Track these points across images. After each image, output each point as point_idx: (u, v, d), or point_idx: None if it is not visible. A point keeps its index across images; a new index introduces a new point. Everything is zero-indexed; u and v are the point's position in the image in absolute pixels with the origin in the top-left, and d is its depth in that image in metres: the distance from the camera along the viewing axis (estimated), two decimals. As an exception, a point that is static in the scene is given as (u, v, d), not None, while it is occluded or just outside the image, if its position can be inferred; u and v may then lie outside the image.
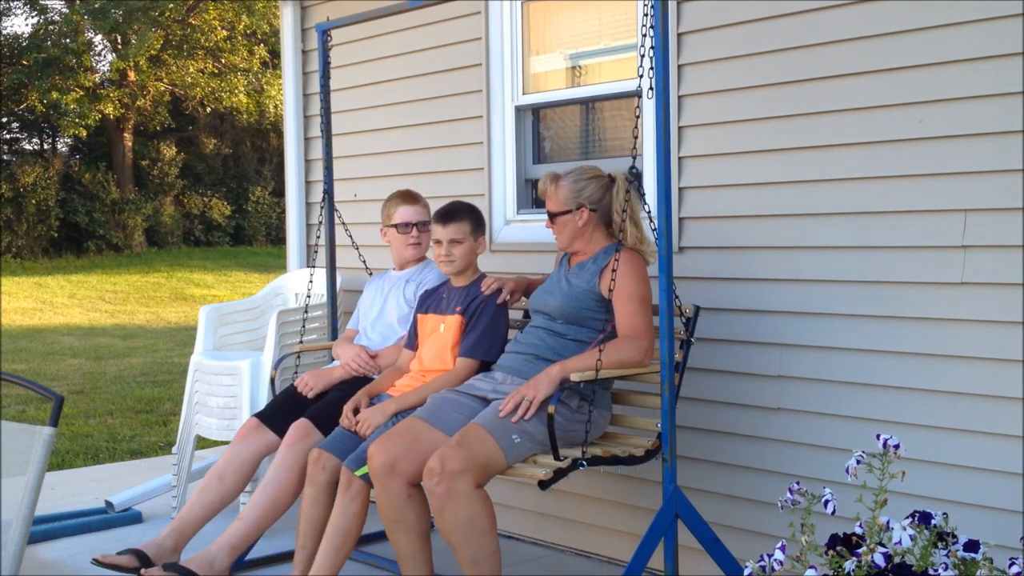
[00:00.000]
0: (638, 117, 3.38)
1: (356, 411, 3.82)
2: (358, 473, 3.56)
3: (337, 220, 4.71)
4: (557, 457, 3.32)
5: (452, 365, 3.81)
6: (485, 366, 3.77)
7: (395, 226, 4.29)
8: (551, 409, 3.27)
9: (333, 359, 4.40)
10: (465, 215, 3.87)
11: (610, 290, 3.45)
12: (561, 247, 3.74)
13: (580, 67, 4.65)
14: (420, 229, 4.27)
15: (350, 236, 4.71)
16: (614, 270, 3.42)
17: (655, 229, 3.43)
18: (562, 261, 3.79)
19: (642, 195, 3.72)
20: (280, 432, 4.03)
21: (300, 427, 3.93)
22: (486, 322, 3.79)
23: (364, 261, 4.69)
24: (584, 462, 3.32)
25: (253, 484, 4.40)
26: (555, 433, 3.28)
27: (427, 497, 3.34)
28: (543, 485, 3.28)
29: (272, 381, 4.51)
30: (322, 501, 3.73)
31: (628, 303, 3.46)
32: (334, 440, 3.81)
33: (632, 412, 3.86)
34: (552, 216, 3.68)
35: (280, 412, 4.12)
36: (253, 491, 4.26)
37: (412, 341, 4.04)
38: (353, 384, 4.09)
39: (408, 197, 4.33)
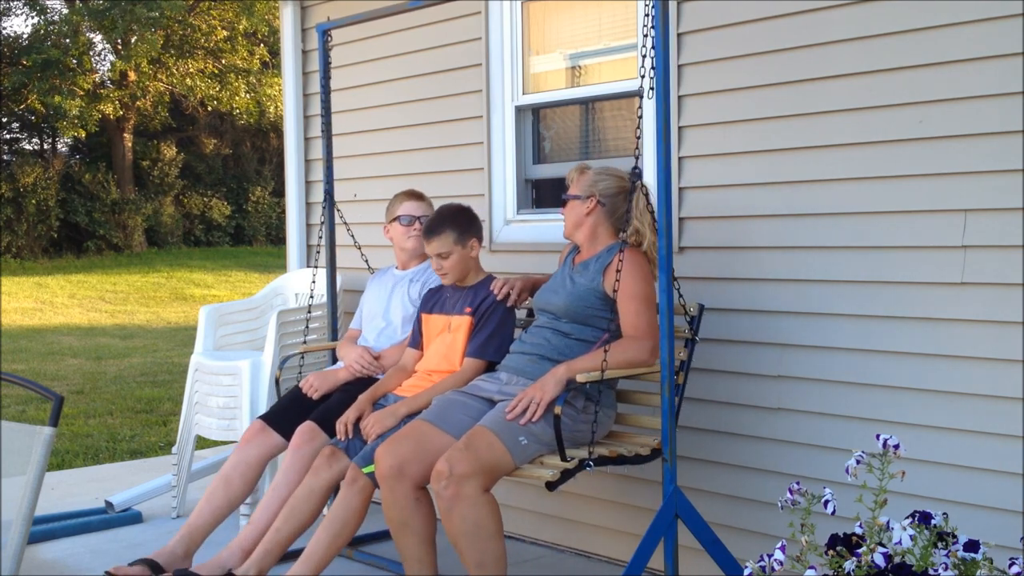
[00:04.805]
0: (639, 117, 3.38)
1: (359, 419, 3.83)
2: (366, 470, 3.56)
3: (339, 220, 4.72)
4: (564, 458, 3.32)
5: (459, 366, 3.81)
6: (491, 366, 3.78)
7: (397, 219, 4.32)
8: (558, 410, 3.28)
9: (336, 360, 4.39)
10: (446, 226, 3.84)
11: (615, 290, 3.45)
12: (565, 233, 3.75)
13: (580, 67, 4.65)
14: (422, 223, 4.29)
15: (352, 235, 4.72)
16: (618, 270, 3.41)
17: (655, 230, 3.43)
18: (566, 260, 3.79)
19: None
20: (285, 434, 4.06)
21: (306, 430, 3.96)
22: (496, 323, 3.80)
23: (367, 260, 4.69)
24: (591, 463, 3.33)
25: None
26: (561, 433, 3.29)
27: (434, 500, 3.34)
28: (551, 486, 3.28)
29: (276, 382, 4.52)
30: (317, 496, 3.76)
31: (633, 302, 3.45)
32: (348, 442, 3.84)
33: (637, 411, 3.86)
34: (565, 200, 3.72)
35: (285, 414, 4.14)
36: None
37: (416, 340, 4.04)
38: (357, 385, 4.10)
39: (412, 194, 4.38)
